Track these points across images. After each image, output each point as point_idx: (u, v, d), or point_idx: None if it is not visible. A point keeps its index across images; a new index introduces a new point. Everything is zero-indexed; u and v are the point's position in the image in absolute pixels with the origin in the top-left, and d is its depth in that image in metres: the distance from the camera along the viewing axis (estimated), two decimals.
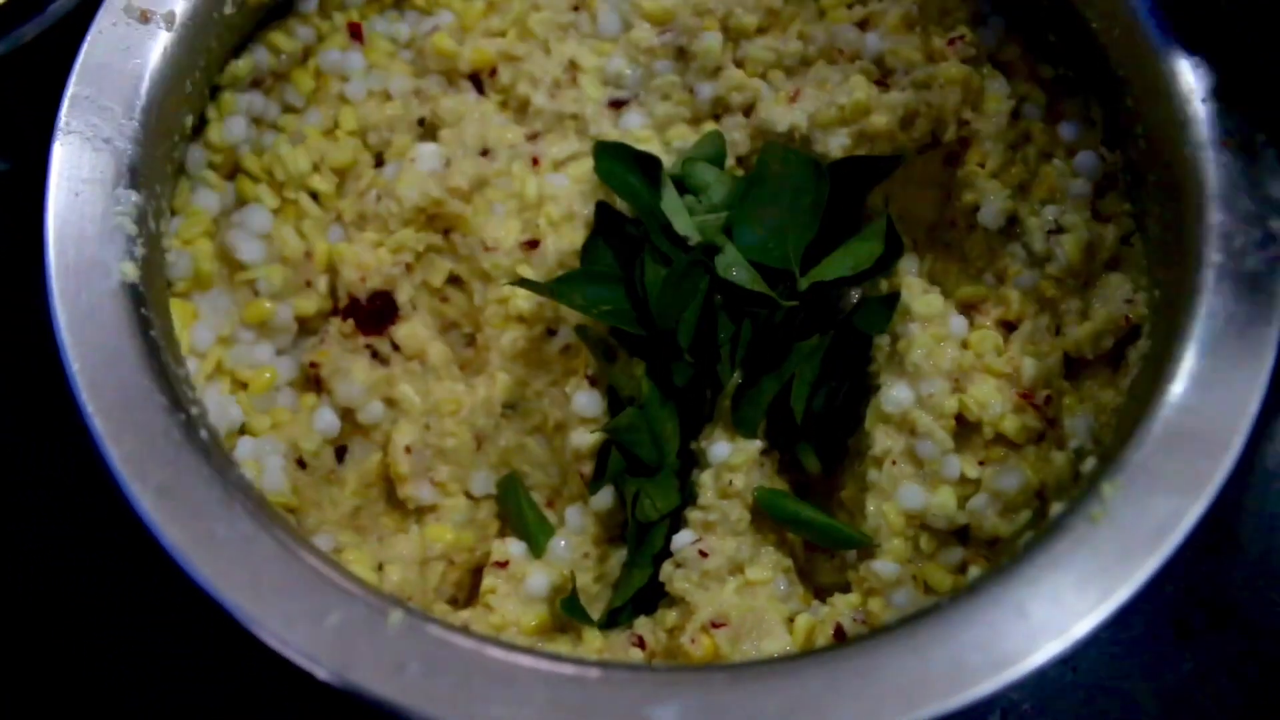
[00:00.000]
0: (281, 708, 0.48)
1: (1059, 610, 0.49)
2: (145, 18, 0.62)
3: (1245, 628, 0.77)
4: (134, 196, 0.59)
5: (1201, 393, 0.53)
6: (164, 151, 0.64)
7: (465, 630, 0.50)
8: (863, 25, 0.77)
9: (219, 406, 0.65)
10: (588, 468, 0.68)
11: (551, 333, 0.71)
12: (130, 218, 0.58)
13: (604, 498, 0.67)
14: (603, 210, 0.70)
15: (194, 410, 0.55)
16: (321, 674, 0.47)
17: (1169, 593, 0.77)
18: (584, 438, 0.67)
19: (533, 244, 0.71)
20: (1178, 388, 0.54)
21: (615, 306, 0.67)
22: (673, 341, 0.65)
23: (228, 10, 0.68)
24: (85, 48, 0.61)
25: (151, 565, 0.50)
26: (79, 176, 0.58)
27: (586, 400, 0.68)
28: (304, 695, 0.49)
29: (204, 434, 0.53)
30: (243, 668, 0.71)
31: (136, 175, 0.59)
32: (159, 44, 0.63)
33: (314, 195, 0.73)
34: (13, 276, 0.85)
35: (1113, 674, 0.75)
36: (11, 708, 0.77)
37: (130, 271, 0.56)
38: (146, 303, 0.56)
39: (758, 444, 0.66)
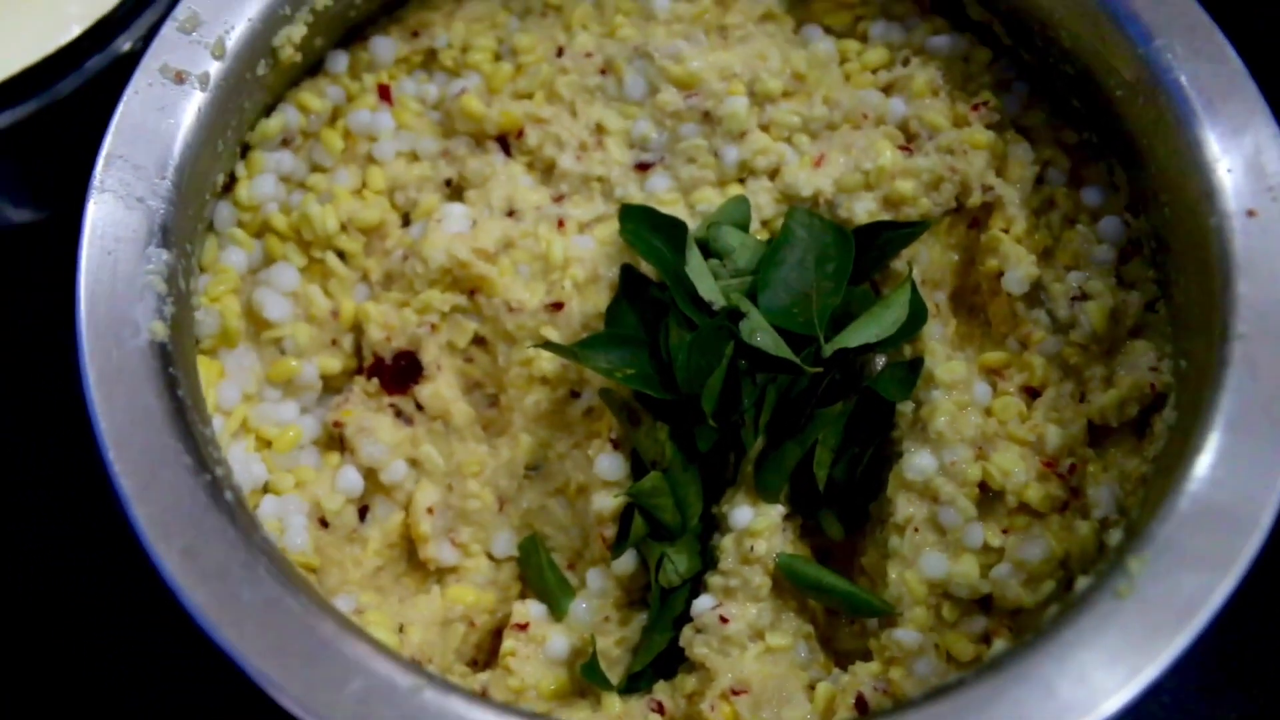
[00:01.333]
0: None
1: (1086, 689, 0.48)
2: (180, 78, 0.63)
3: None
4: (165, 255, 0.59)
5: (1229, 467, 0.53)
6: (195, 210, 0.65)
7: (486, 699, 0.49)
8: (887, 90, 0.77)
9: (243, 464, 0.65)
10: (610, 531, 0.68)
11: (575, 395, 0.71)
12: (161, 276, 0.58)
13: (626, 561, 0.67)
14: (627, 273, 0.70)
15: (219, 471, 0.55)
16: None
17: (1219, 639, 0.76)
18: (606, 501, 0.67)
19: (557, 306, 0.71)
20: (1205, 461, 0.53)
21: (639, 370, 0.67)
22: (696, 406, 0.65)
23: (260, 71, 0.69)
24: (121, 107, 0.62)
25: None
26: (112, 234, 0.58)
27: (609, 463, 0.68)
28: None
29: (229, 495, 0.53)
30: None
31: (168, 234, 0.60)
32: (193, 104, 0.64)
33: (341, 254, 0.73)
34: (43, 325, 0.87)
35: None
36: (13, 707, 0.77)
37: (159, 330, 0.57)
38: (174, 361, 0.56)
39: (780, 509, 0.66)
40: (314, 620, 0.49)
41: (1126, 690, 0.48)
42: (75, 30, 0.77)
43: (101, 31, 0.77)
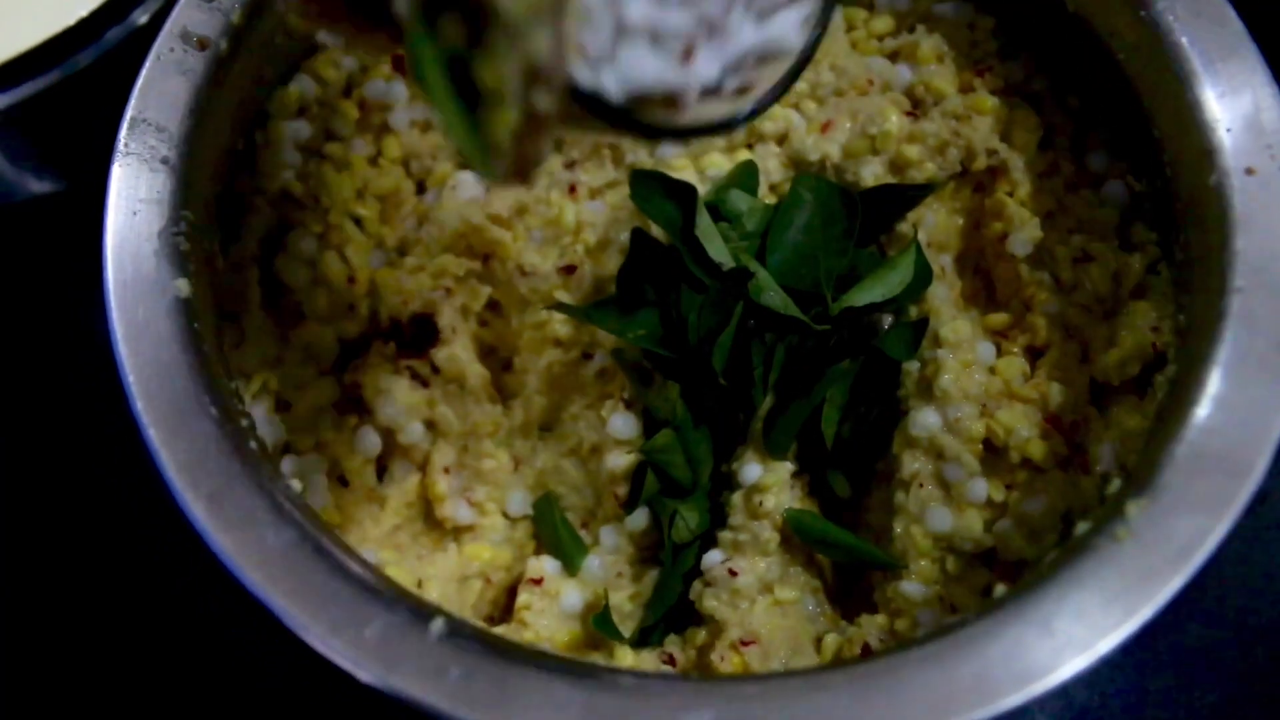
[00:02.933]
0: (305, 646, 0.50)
1: (1084, 627, 0.49)
2: (202, 44, 0.64)
3: (1276, 655, 0.78)
4: (189, 216, 0.60)
5: (1225, 415, 0.54)
6: (216, 175, 0.66)
7: (504, 639, 0.51)
8: (893, 57, 0.78)
9: (264, 425, 0.66)
10: (622, 489, 0.69)
11: (587, 356, 0.72)
12: (185, 236, 0.59)
13: (639, 518, 0.68)
14: (638, 237, 0.71)
15: (244, 422, 0.57)
16: (364, 677, 0.48)
17: (1202, 620, 0.78)
18: (619, 459, 0.68)
19: (570, 269, 0.72)
20: (1202, 411, 0.54)
21: (650, 331, 0.68)
22: (707, 365, 0.66)
23: (278, 39, 0.70)
24: (144, 72, 0.63)
25: (194, 561, 0.52)
26: (137, 196, 0.59)
27: (622, 423, 0.69)
28: (342, 689, 0.50)
29: (253, 444, 0.55)
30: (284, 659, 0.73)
31: (191, 196, 0.61)
32: (214, 70, 0.65)
33: (358, 221, 0.75)
34: (68, 291, 0.89)
35: (1142, 700, 0.76)
36: (49, 656, 0.79)
37: (184, 288, 0.58)
38: (198, 317, 0.58)
39: (788, 466, 0.67)
40: (337, 563, 0.51)
41: (1123, 629, 0.49)
42: (91, 4, 0.78)
43: (119, 4, 0.78)
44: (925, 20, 0.79)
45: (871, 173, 0.73)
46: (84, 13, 0.77)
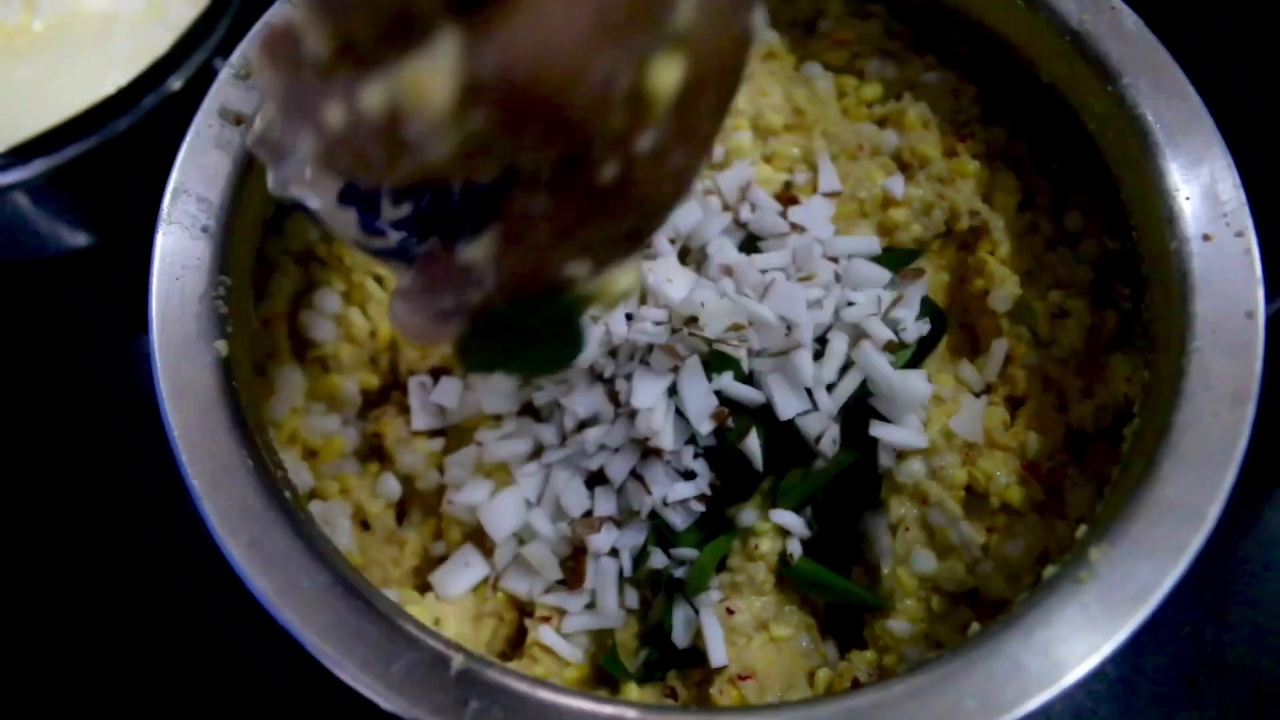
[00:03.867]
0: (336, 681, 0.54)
1: (1049, 662, 0.53)
2: (238, 120, 0.69)
3: (1251, 686, 0.81)
4: (227, 281, 0.64)
5: (1182, 467, 0.57)
6: (250, 240, 0.70)
7: (519, 674, 0.55)
8: (881, 124, 0.82)
9: (292, 472, 0.70)
10: None
11: None
12: (224, 300, 0.63)
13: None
14: None
15: (279, 473, 0.60)
16: (390, 708, 0.52)
17: (1179, 652, 0.81)
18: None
19: None
20: (1162, 462, 0.58)
21: None
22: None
23: None
24: (185, 146, 0.67)
25: (194, 562, 0.53)
26: (179, 262, 0.63)
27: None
28: (342, 689, 0.54)
29: (287, 494, 0.59)
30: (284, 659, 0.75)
31: (228, 261, 0.65)
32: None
33: (378, 279, 0.78)
34: (69, 292, 0.92)
35: None
36: (48, 698, 0.81)
37: (223, 348, 0.62)
38: (236, 376, 0.62)
39: (781, 513, 0.70)
40: (364, 604, 0.55)
41: (1086, 663, 0.53)
42: (121, 72, 0.83)
43: (155, 72, 0.83)
44: (912, 88, 0.83)
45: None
46: (123, 81, 0.82)
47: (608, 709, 0.53)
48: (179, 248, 0.64)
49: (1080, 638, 0.54)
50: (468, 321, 0.48)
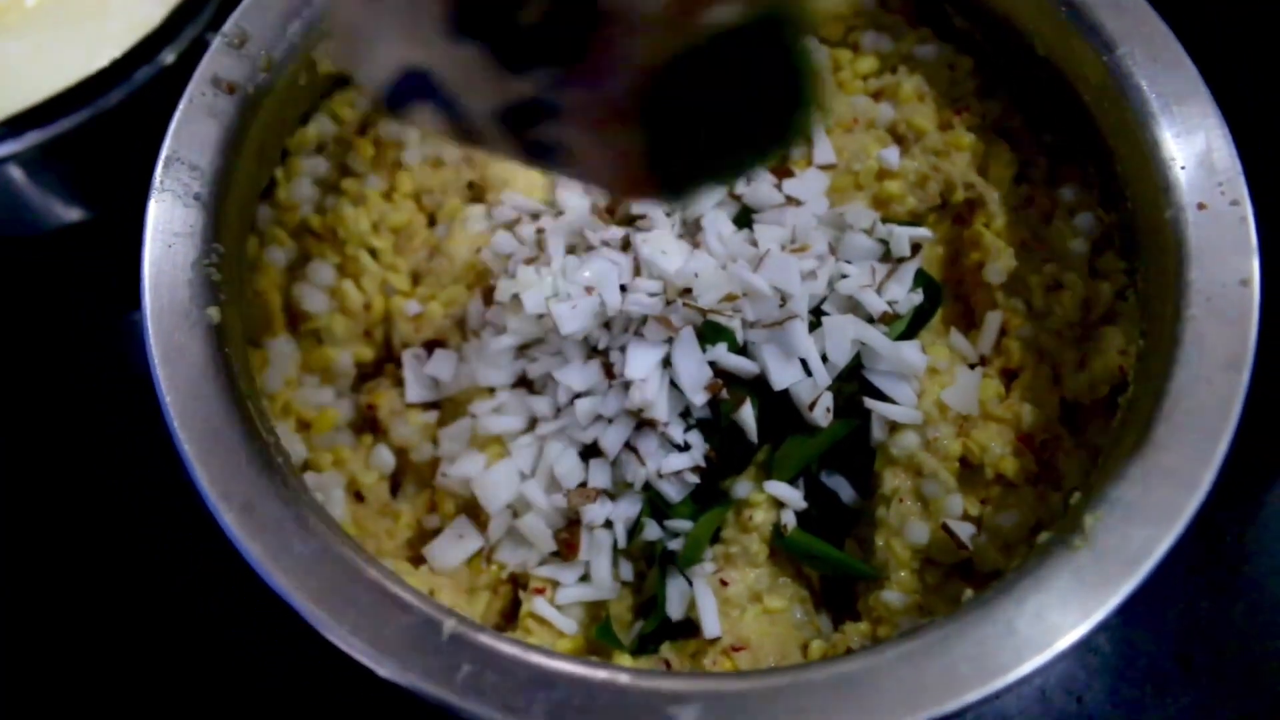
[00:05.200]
0: (323, 699, 0.53)
1: (1042, 627, 0.53)
2: (230, 88, 0.69)
3: (1245, 665, 0.80)
4: (219, 248, 0.64)
5: (1176, 434, 0.57)
6: (243, 209, 0.70)
7: (511, 639, 0.55)
8: (877, 97, 0.82)
9: (287, 442, 0.69)
10: None
11: None
12: (215, 268, 0.63)
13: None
14: None
15: (270, 439, 0.60)
16: (382, 673, 0.52)
17: (1173, 629, 0.81)
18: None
19: None
20: (1156, 429, 0.58)
21: None
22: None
23: (301, 81, 0.74)
24: (178, 114, 0.67)
25: (194, 561, 0.53)
26: (171, 230, 0.63)
27: None
28: (342, 689, 0.54)
29: (279, 460, 0.59)
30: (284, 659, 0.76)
31: (220, 229, 0.65)
32: (241, 111, 0.69)
33: (373, 252, 0.78)
34: (94, 309, 0.92)
35: (1116, 705, 0.79)
36: (88, 659, 0.81)
37: (215, 315, 0.62)
38: (228, 343, 0.62)
39: (776, 484, 0.70)
40: (358, 569, 0.55)
41: (1079, 629, 0.53)
42: (115, 48, 0.82)
43: (148, 45, 0.82)
44: (907, 61, 0.83)
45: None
46: (116, 54, 0.82)
47: (600, 673, 0.53)
48: (171, 215, 0.64)
49: (1074, 603, 0.54)
50: (661, 116, 0.39)
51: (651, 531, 0.70)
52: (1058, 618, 0.53)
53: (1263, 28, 0.81)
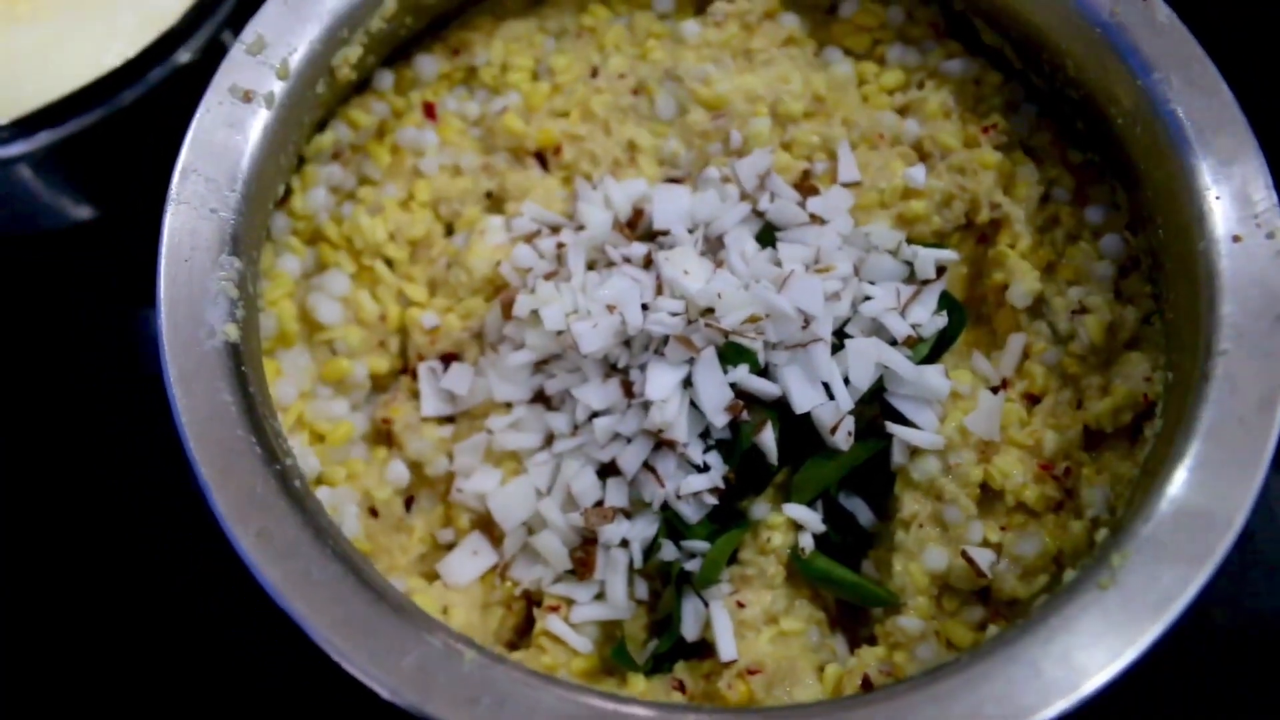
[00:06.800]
0: (323, 699, 0.53)
1: (1069, 670, 0.53)
2: (248, 97, 0.68)
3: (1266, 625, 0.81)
4: (236, 262, 0.63)
5: (1207, 472, 0.57)
6: (260, 220, 0.69)
7: (531, 671, 0.54)
8: (903, 112, 0.81)
9: (300, 457, 0.69)
10: None
11: None
12: (233, 282, 0.62)
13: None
14: None
15: (288, 461, 0.60)
16: (402, 704, 0.52)
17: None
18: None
19: None
20: (1186, 466, 0.57)
21: None
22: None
23: (318, 88, 0.73)
24: (194, 124, 0.66)
25: (194, 562, 0.52)
26: (188, 243, 0.62)
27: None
28: (342, 689, 0.53)
29: (297, 483, 0.58)
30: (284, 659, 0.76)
31: (238, 242, 0.64)
32: (259, 121, 0.68)
33: (388, 262, 0.78)
34: (95, 308, 0.91)
35: None
36: (105, 677, 0.81)
37: (232, 332, 0.61)
38: (245, 360, 0.61)
39: (794, 507, 0.69)
40: (375, 597, 0.54)
41: (1106, 671, 0.52)
42: (127, 43, 0.81)
43: (163, 45, 0.81)
44: (934, 76, 0.82)
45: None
46: (128, 52, 0.81)
47: (620, 708, 0.53)
48: (187, 228, 0.63)
49: (1102, 645, 0.53)
50: None
51: (668, 552, 0.69)
52: (1085, 659, 0.53)
53: None
